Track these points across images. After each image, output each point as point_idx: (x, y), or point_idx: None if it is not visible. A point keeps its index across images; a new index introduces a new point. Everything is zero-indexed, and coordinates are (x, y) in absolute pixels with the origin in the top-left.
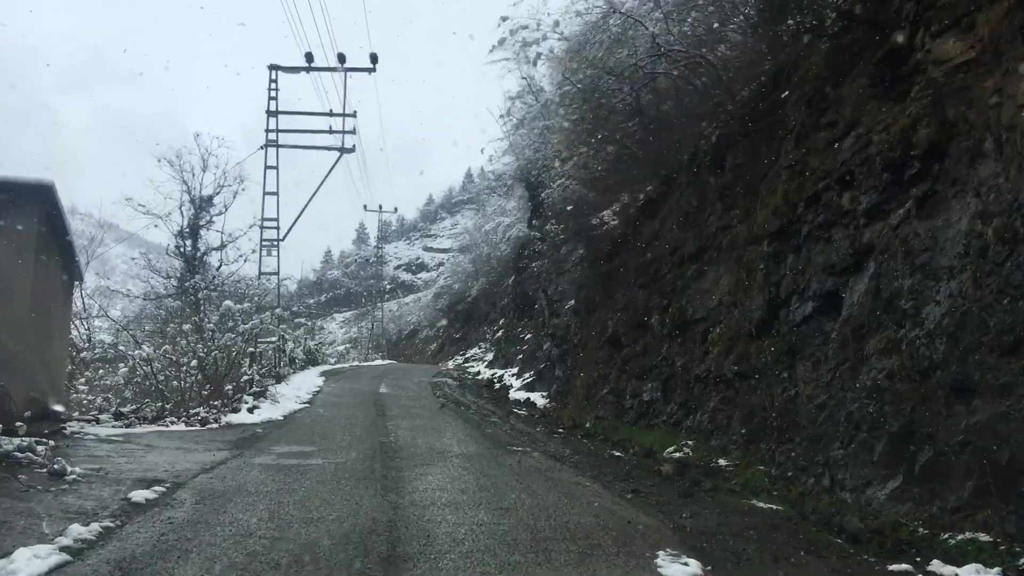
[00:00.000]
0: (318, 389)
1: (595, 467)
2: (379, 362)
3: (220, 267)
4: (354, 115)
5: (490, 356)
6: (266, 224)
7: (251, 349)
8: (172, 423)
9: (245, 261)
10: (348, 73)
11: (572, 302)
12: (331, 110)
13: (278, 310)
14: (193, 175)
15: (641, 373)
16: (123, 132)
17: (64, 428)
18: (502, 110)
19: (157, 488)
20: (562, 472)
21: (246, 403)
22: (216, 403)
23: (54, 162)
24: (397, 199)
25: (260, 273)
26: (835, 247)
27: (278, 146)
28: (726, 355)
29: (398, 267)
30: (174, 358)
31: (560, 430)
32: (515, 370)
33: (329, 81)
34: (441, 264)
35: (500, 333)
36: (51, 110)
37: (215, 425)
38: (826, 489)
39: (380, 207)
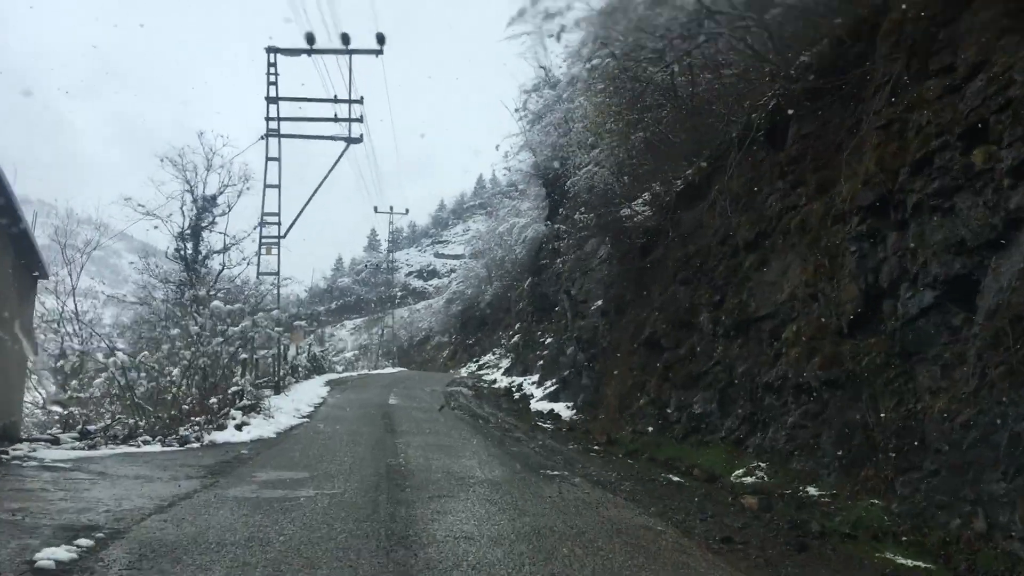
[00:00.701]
0: (321, 400)
1: (656, 498)
2: (389, 370)
3: (223, 270)
4: (360, 101)
5: (506, 363)
6: (266, 220)
7: (244, 356)
8: (146, 443)
9: (248, 264)
10: (353, 57)
11: (599, 302)
12: (335, 96)
13: (275, 311)
14: (196, 174)
15: (688, 381)
16: (134, 138)
17: (7, 451)
18: (517, 104)
19: (83, 541)
20: (618, 507)
21: (234, 419)
22: (199, 419)
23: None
24: (408, 204)
25: (259, 272)
26: (962, 219)
27: (279, 136)
28: (807, 358)
29: (409, 274)
30: (156, 366)
31: (595, 447)
32: (535, 378)
33: (335, 68)
34: (453, 270)
35: (517, 338)
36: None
37: (196, 445)
38: (981, 535)
39: (391, 208)
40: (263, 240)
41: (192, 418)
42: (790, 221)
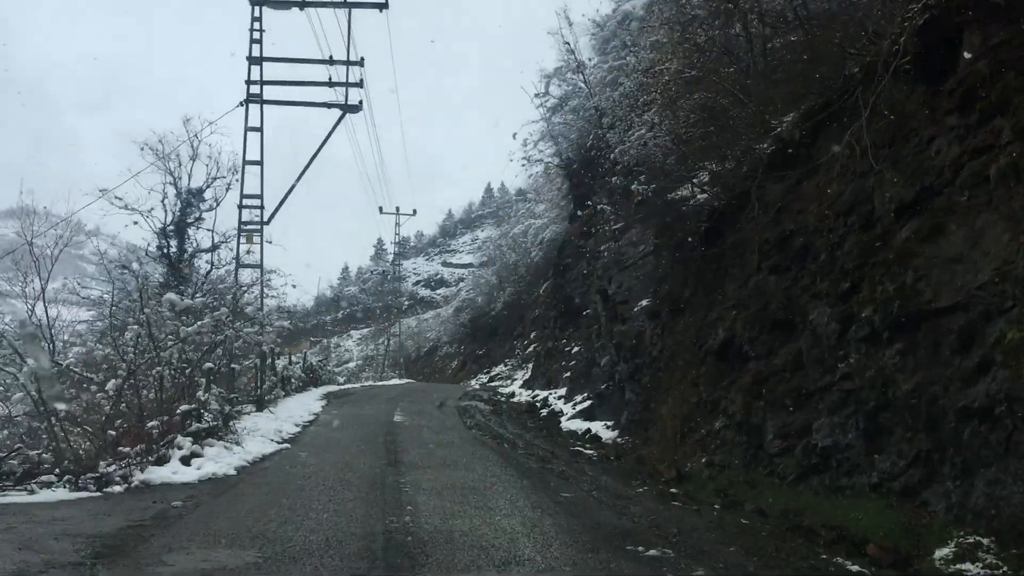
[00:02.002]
0: (313, 418)
1: None
2: (396, 381)
3: (210, 271)
4: (361, 63)
5: (521, 374)
6: (247, 203)
7: (209, 365)
8: (47, 485)
9: (240, 266)
10: (353, 12)
11: (644, 302)
12: (331, 56)
13: (250, 308)
14: (180, 164)
15: (794, 400)
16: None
17: None
18: (537, 88)
19: None
20: None
21: (180, 448)
22: (128, 449)
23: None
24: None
25: (238, 266)
26: None
27: (262, 102)
28: None
29: (417, 283)
30: (94, 377)
31: (671, 489)
32: (562, 391)
33: (332, 26)
34: (461, 279)
35: (535, 347)
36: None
37: (119, 488)
38: None
39: (397, 209)
40: (243, 227)
41: (120, 448)
42: (981, 169)
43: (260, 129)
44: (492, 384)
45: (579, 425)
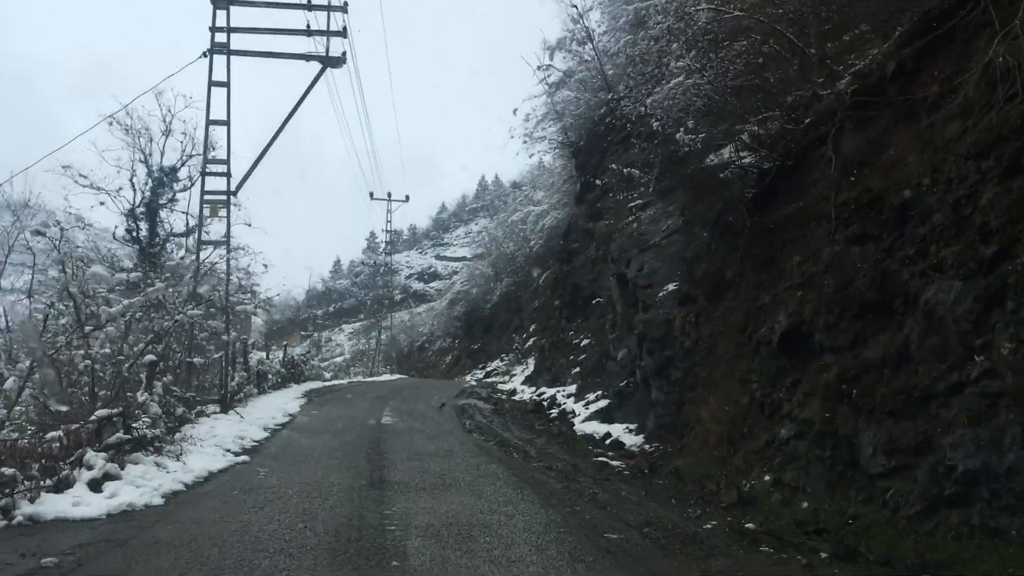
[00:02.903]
0: (287, 420)
1: None
2: (387, 377)
3: (184, 256)
4: (344, 8)
5: (520, 369)
6: (211, 170)
7: (150, 357)
8: None
9: (215, 249)
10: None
11: (672, 286)
12: (309, 1)
13: (207, 289)
14: (151, 140)
15: (902, 404)
16: (110, 128)
17: None
18: (540, 60)
19: None
20: None
21: (90, 467)
22: (11, 471)
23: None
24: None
25: (200, 241)
26: None
27: (229, 53)
28: None
29: (410, 276)
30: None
31: (747, 524)
32: (571, 389)
33: None
34: (455, 272)
35: (537, 340)
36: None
37: None
38: None
39: (389, 195)
40: (205, 196)
41: (2, 470)
42: None
43: (227, 84)
44: (489, 380)
45: (596, 428)
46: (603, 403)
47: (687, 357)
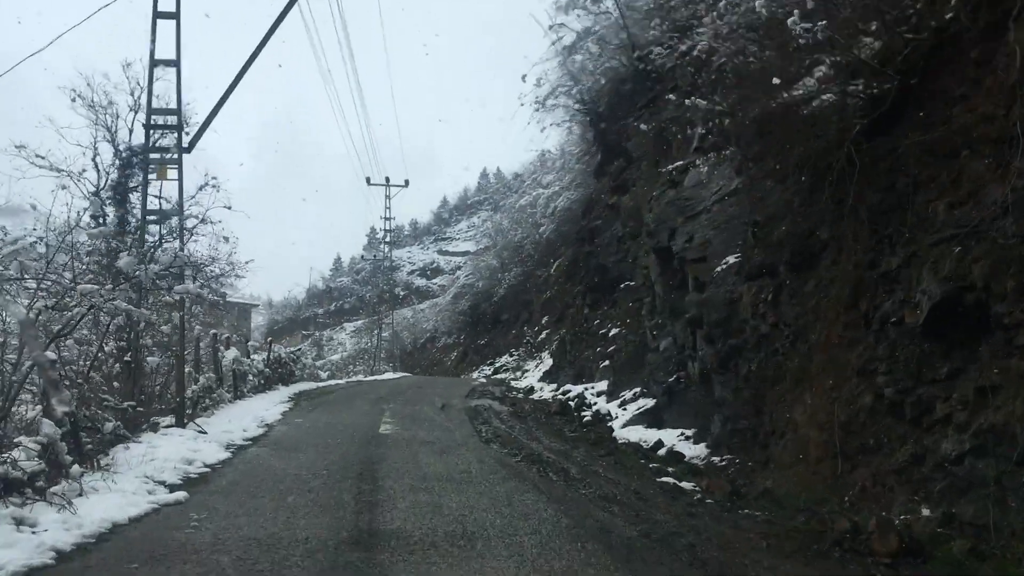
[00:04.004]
0: (261, 433)
1: None
2: (389, 376)
3: (160, 243)
4: None
5: (533, 364)
6: (156, 120)
7: (49, 356)
8: None
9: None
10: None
11: (733, 258)
12: None
13: (148, 266)
14: (118, 116)
15: None
16: (73, 105)
17: None
18: (551, 19)
19: None
20: None
21: None
22: None
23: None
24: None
25: (145, 212)
26: None
27: None
28: None
29: (412, 272)
30: None
31: None
32: (601, 386)
33: None
34: (458, 267)
35: (558, 332)
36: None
37: None
38: None
39: (387, 180)
40: (152, 154)
41: None
42: None
43: (176, 15)
44: (499, 377)
45: (642, 435)
46: (646, 403)
47: (763, 345)
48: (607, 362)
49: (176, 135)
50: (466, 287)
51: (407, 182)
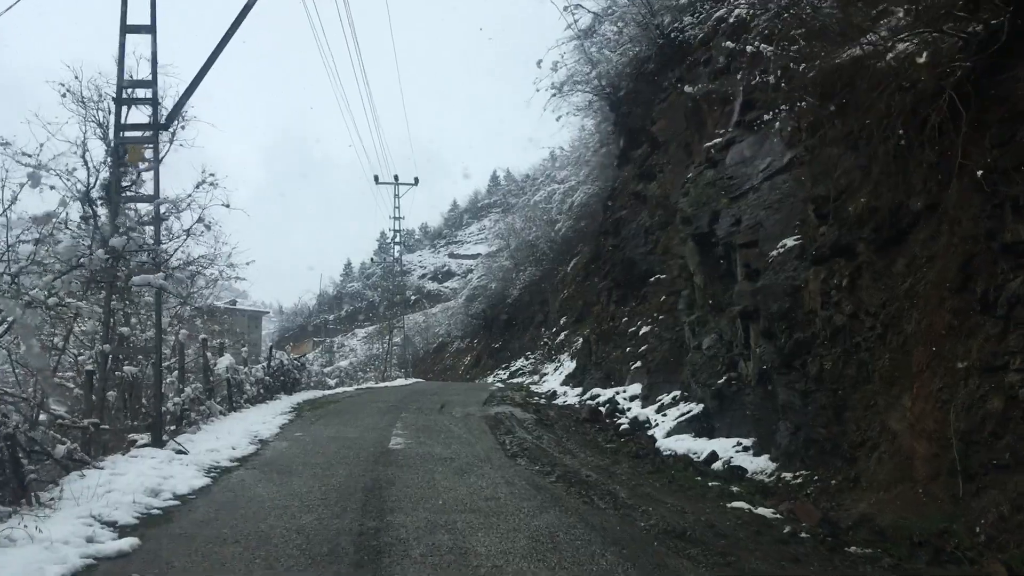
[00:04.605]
0: (253, 451)
1: None
2: (401, 382)
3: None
4: None
5: (552, 367)
6: (127, 92)
7: None
8: None
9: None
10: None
11: (790, 241)
12: None
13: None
14: (110, 112)
15: None
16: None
17: None
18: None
19: None
20: None
21: None
22: None
23: None
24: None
25: (123, 196)
26: None
27: None
28: None
29: (423, 276)
30: None
31: None
32: (634, 389)
33: None
34: (470, 271)
35: (581, 331)
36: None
37: None
38: None
39: (396, 178)
40: (124, 134)
41: None
42: None
43: None
44: (515, 381)
45: (691, 446)
46: (690, 408)
47: (839, 339)
48: (639, 363)
49: (151, 109)
50: (479, 289)
51: (417, 180)
